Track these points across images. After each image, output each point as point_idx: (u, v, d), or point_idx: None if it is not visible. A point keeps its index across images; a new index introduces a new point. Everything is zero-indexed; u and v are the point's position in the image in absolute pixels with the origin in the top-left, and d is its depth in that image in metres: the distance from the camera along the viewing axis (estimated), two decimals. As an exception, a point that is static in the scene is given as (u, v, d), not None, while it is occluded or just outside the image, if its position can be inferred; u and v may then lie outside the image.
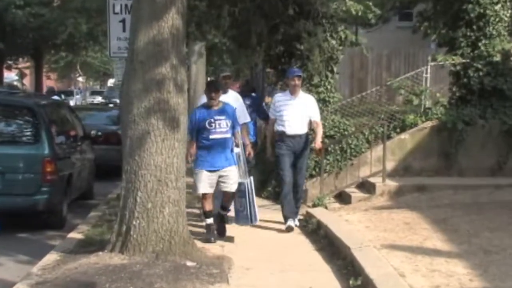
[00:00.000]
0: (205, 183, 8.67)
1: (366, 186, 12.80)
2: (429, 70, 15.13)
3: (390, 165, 13.37)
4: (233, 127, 8.82)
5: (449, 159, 13.90)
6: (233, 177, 8.79)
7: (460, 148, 13.89)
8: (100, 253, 7.61)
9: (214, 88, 8.86)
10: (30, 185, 9.87)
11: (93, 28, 31.89)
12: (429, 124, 13.99)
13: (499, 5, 14.48)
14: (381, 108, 15.16)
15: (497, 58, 14.43)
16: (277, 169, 10.13)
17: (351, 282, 6.70)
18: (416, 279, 6.72)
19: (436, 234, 8.88)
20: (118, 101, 21.37)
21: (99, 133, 14.26)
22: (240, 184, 9.03)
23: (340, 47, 14.47)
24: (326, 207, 11.53)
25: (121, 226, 7.60)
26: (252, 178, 9.33)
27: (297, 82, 9.85)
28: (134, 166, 7.43)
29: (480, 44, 14.51)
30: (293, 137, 9.78)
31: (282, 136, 9.81)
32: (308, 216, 10.27)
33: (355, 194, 12.54)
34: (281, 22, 14.14)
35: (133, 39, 7.56)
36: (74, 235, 9.26)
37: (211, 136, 8.61)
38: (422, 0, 18.42)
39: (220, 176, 8.70)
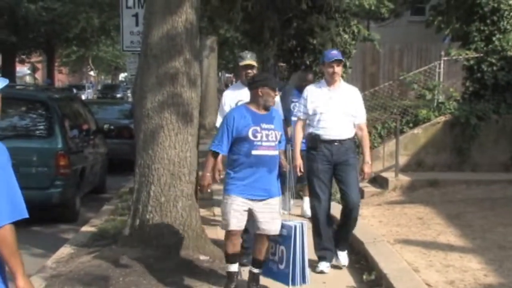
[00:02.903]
0: (239, 215, 6.05)
1: (378, 181, 12.79)
2: (442, 65, 15.11)
3: (402, 160, 13.36)
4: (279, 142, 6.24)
5: (462, 154, 13.88)
6: (278, 213, 6.21)
7: (473, 143, 13.88)
8: (114, 246, 7.62)
9: (274, 84, 6.31)
10: (43, 178, 9.90)
11: (105, 22, 31.97)
12: (442, 119, 13.98)
13: (514, -1, 14.42)
14: (394, 102, 15.14)
15: (511, 52, 14.36)
16: (309, 190, 7.40)
17: (364, 277, 6.68)
18: (430, 274, 6.71)
19: (449, 229, 8.86)
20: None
21: (112, 127, 14.29)
22: (283, 225, 6.33)
23: (353, 42, 14.44)
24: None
25: (134, 220, 7.60)
26: (305, 223, 6.44)
27: (337, 69, 7.02)
28: (148, 160, 7.43)
29: (494, 38, 14.48)
30: (331, 143, 6.97)
31: (315, 142, 7.03)
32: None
33: (368, 189, 12.53)
34: (294, 16, 14.12)
35: (146, 33, 7.55)
36: (88, 228, 9.28)
37: (254, 152, 5.99)
38: (435, -6, 18.32)
39: (258, 210, 6.06)
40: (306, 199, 9.44)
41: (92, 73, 70.11)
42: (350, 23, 14.49)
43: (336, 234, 7.25)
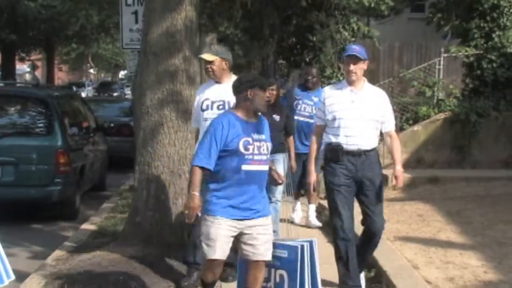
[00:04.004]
0: (225, 241, 5.12)
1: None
2: (442, 62, 15.11)
3: (402, 157, 13.24)
4: None
5: (462, 151, 13.88)
6: (270, 236, 5.27)
7: (473, 140, 13.88)
8: (113, 244, 7.63)
9: (265, 83, 5.51)
10: (43, 176, 9.89)
11: (105, 20, 31.80)
12: (442, 116, 13.98)
13: (513, -4, 14.42)
14: (393, 99, 15.11)
15: (511, 49, 14.37)
16: (329, 208, 6.20)
17: (364, 273, 6.68)
18: (430, 271, 6.72)
19: (449, 226, 8.86)
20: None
21: (112, 125, 14.29)
22: (281, 246, 5.45)
23: (353, 39, 14.45)
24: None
25: (134, 218, 7.61)
26: (314, 240, 5.51)
27: (353, 67, 5.92)
28: (147, 158, 7.43)
29: (493, 35, 14.48)
30: (355, 155, 5.92)
31: (336, 153, 5.92)
32: (321, 208, 10.26)
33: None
34: (294, 13, 14.15)
35: (146, 31, 7.55)
36: (87, 226, 9.28)
37: (244, 167, 5.08)
38: (435, -9, 18.30)
39: (250, 233, 5.15)
40: (312, 207, 9.28)
41: (91, 70, 70.11)
42: (350, 20, 14.52)
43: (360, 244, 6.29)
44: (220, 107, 6.29)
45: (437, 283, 6.36)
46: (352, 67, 5.90)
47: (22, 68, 46.87)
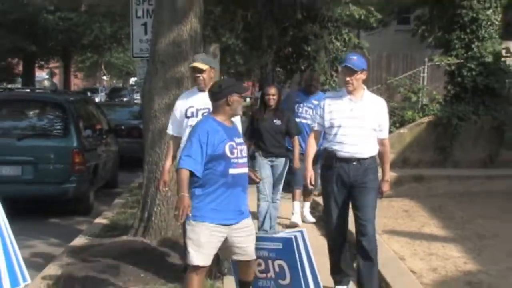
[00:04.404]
0: (213, 247, 4.85)
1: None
2: (426, 70, 15.11)
3: (390, 157, 13.33)
4: None
5: (444, 152, 13.85)
6: (254, 235, 5.10)
7: (454, 142, 13.85)
8: (124, 237, 7.63)
9: (243, 89, 5.21)
10: (60, 174, 9.89)
11: (117, 31, 31.88)
12: (426, 119, 13.94)
13: (491, 10, 14.43)
14: (382, 104, 15.11)
15: (489, 59, 14.38)
16: (324, 211, 6.09)
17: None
18: (415, 262, 6.71)
19: (433, 221, 8.85)
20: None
21: (122, 127, 14.27)
22: (274, 239, 5.39)
23: (344, 49, 14.42)
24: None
25: (143, 213, 7.60)
26: (304, 230, 5.46)
27: (348, 79, 5.65)
28: (155, 158, 7.42)
29: (473, 46, 14.45)
30: (348, 162, 5.60)
31: (330, 159, 5.66)
32: (315, 204, 10.24)
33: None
34: (290, 25, 14.12)
35: (154, 41, 7.55)
36: (100, 220, 9.27)
37: (231, 171, 4.81)
38: (419, 5, 18.28)
39: (237, 235, 4.91)
40: (307, 204, 9.24)
41: (104, 77, 70.02)
42: (342, 31, 14.50)
43: (358, 272, 5.89)
44: (205, 114, 5.81)
45: (421, 273, 6.35)
46: (348, 78, 5.60)
47: (41, 75, 46.83)
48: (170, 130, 6.25)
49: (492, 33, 14.55)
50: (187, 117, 6.07)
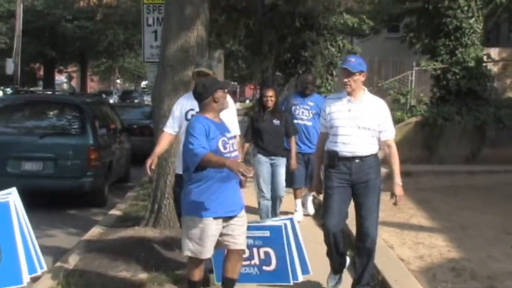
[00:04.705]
0: (213, 240, 4.65)
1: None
2: (413, 74, 15.13)
3: (380, 154, 13.32)
4: None
5: (430, 149, 13.90)
6: (245, 225, 4.84)
7: (440, 140, 13.90)
8: (136, 227, 7.63)
9: (226, 85, 5.31)
10: (77, 169, 9.88)
11: (129, 37, 31.98)
12: (414, 119, 13.98)
13: (473, 19, 14.48)
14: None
15: (472, 64, 14.42)
16: (323, 207, 5.52)
17: (348, 253, 6.66)
18: (403, 250, 6.72)
19: (420, 212, 8.85)
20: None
21: (134, 126, 14.26)
22: (261, 227, 5.34)
23: (339, 54, 14.46)
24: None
25: (153, 205, 7.61)
26: (293, 218, 5.61)
27: (345, 80, 5.23)
28: (165, 154, 7.39)
29: (457, 52, 14.50)
30: (349, 160, 5.21)
31: (333, 159, 5.26)
32: (313, 197, 10.23)
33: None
34: (289, 33, 14.14)
35: (164, 47, 7.54)
36: (114, 212, 9.27)
37: None
38: (407, 14, 18.30)
39: (232, 226, 4.71)
40: (310, 198, 9.04)
41: (118, 81, 69.98)
42: (336, 38, 14.54)
43: (354, 267, 5.50)
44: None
45: (409, 260, 6.36)
46: (346, 79, 5.20)
47: (60, 79, 46.83)
48: (168, 129, 5.76)
49: (475, 40, 14.58)
50: (187, 120, 5.58)
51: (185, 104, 5.71)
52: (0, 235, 3.68)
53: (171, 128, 5.73)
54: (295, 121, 8.34)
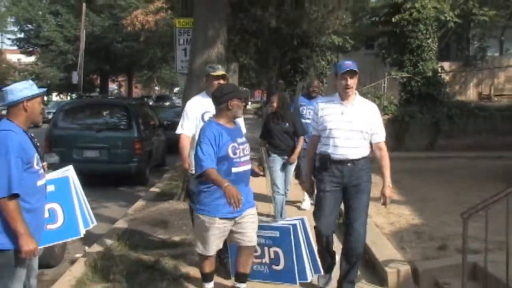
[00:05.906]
0: (220, 237, 3.99)
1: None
2: (386, 82, 15.06)
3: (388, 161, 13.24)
4: None
5: (399, 140, 13.81)
6: (256, 223, 4.13)
7: (406, 133, 13.82)
8: (171, 201, 7.64)
9: (243, 93, 4.27)
10: (125, 156, 9.89)
11: (165, 54, 32.07)
12: (386, 117, 13.90)
13: (430, 40, 14.53)
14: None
15: (429, 74, 14.41)
16: (315, 209, 4.35)
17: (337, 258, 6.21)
18: (378, 218, 6.68)
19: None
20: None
21: (169, 123, 14.23)
22: (271, 227, 4.43)
23: (328, 66, 14.40)
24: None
25: (183, 184, 7.59)
26: (305, 218, 4.47)
27: (350, 81, 4.26)
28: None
29: (418, 64, 14.50)
30: (341, 163, 4.22)
31: (325, 162, 4.26)
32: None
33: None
34: (289, 49, 14.10)
35: (191, 61, 7.53)
36: (154, 189, 9.27)
37: (234, 169, 3.88)
38: (380, 36, 18.17)
39: (241, 223, 3.99)
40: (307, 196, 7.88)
41: (156, 87, 70.06)
42: (326, 54, 14.52)
43: (341, 267, 4.38)
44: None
45: (383, 226, 6.33)
46: (349, 81, 4.23)
47: (112, 86, 46.96)
48: (184, 131, 4.87)
49: (431, 56, 14.60)
50: (203, 121, 4.63)
51: (200, 106, 4.80)
52: (63, 200, 3.77)
53: (188, 130, 4.83)
54: (304, 120, 7.31)
